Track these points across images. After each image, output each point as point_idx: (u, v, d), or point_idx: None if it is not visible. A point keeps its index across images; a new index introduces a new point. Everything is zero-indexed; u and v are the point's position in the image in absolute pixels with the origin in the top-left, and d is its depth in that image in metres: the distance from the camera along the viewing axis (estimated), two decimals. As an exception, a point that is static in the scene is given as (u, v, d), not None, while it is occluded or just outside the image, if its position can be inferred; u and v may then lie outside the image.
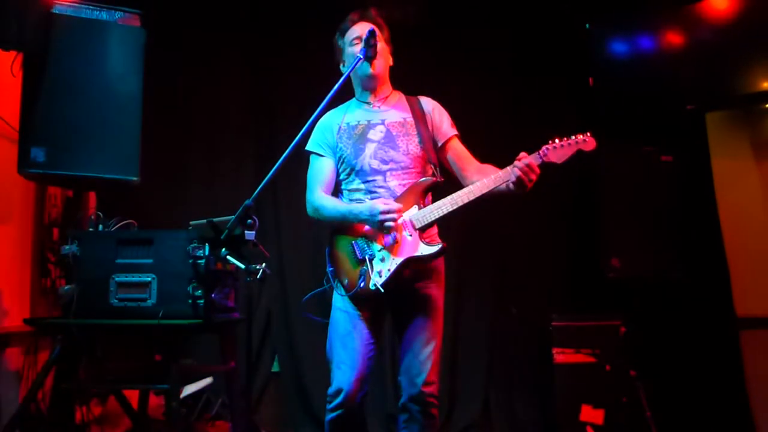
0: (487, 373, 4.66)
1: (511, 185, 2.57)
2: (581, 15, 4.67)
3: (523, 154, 2.56)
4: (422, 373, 2.66)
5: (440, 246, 2.63)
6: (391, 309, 2.82)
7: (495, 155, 4.29)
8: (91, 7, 3.48)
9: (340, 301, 2.76)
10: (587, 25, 4.62)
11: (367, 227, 2.69)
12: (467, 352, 4.66)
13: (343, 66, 2.94)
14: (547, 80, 4.83)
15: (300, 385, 4.57)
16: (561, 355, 4.20)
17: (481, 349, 4.69)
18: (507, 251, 4.80)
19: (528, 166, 2.53)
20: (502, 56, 4.88)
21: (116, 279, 3.17)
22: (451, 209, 2.63)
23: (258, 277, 2.49)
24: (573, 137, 2.57)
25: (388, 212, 2.60)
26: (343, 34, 2.93)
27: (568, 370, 4.18)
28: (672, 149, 4.40)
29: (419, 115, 2.85)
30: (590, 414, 4.10)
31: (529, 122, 4.77)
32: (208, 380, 4.19)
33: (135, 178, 3.50)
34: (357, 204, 2.74)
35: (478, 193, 2.61)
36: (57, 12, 3.38)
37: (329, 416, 2.64)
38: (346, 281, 2.69)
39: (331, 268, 2.75)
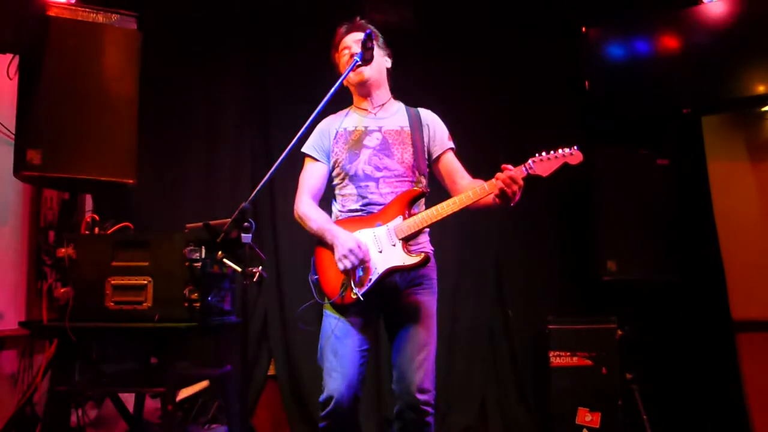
0: (484, 375, 4.66)
1: (495, 198, 2.54)
2: (578, 18, 4.67)
3: (506, 166, 2.52)
4: (415, 381, 2.63)
5: (422, 256, 2.62)
6: (383, 316, 2.81)
7: (490, 158, 4.33)
8: (87, 9, 3.48)
9: (330, 308, 2.75)
10: (583, 29, 4.63)
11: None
12: (464, 355, 4.66)
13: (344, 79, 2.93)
14: (544, 83, 4.83)
15: (296, 389, 4.56)
16: (557, 358, 4.20)
17: (478, 352, 4.68)
18: (503, 254, 4.80)
19: (511, 179, 2.49)
20: (498, 59, 4.88)
21: (112, 282, 3.16)
22: (433, 220, 2.62)
23: (254, 280, 2.49)
24: (560, 150, 2.53)
25: (350, 254, 2.59)
26: (336, 48, 2.95)
27: (564, 373, 4.19)
28: (668, 152, 4.42)
29: (416, 126, 2.85)
30: (586, 417, 4.10)
31: (525, 125, 4.78)
32: (204, 384, 4.19)
33: (131, 181, 3.50)
34: (335, 228, 2.71)
35: (461, 206, 2.59)
36: (53, 15, 3.38)
37: (321, 424, 2.63)
38: (330, 290, 2.70)
39: (315, 277, 2.76)
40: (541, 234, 4.82)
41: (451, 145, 2.90)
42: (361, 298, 2.61)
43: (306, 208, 2.82)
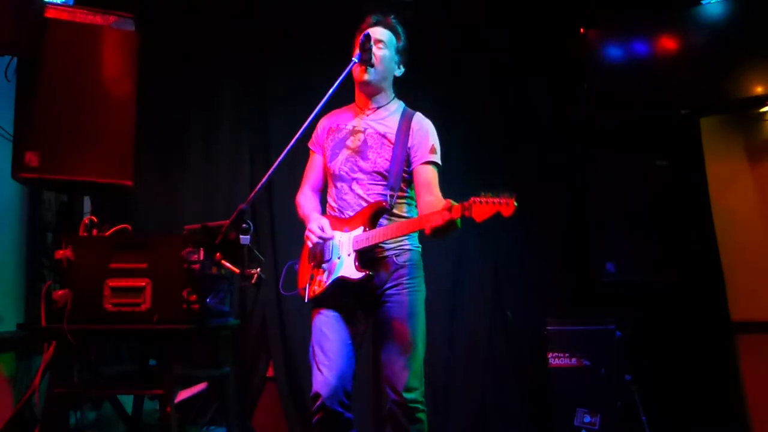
0: (483, 377, 4.66)
1: (427, 230, 2.45)
2: (576, 19, 4.68)
3: (447, 202, 2.40)
4: (400, 382, 2.65)
5: (363, 275, 2.61)
6: (368, 316, 2.81)
7: (485, 160, 4.31)
8: (85, 11, 3.47)
9: (314, 305, 2.79)
10: (582, 30, 4.63)
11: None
12: (463, 357, 4.65)
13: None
14: (542, 84, 4.83)
15: (295, 390, 4.56)
16: (556, 360, 4.20)
17: (477, 353, 4.68)
18: (502, 256, 4.80)
19: (446, 221, 2.39)
20: (496, 60, 4.88)
21: (110, 284, 3.15)
22: (380, 240, 2.62)
23: (253, 281, 2.49)
24: (497, 198, 2.36)
25: (310, 233, 2.71)
26: (360, 33, 2.88)
27: (563, 374, 4.19)
28: (666, 153, 4.42)
29: (404, 130, 2.80)
30: (585, 418, 4.10)
31: (523, 126, 4.78)
32: (202, 385, 4.18)
33: (129, 183, 3.49)
34: (312, 213, 2.86)
35: (400, 233, 2.60)
36: (51, 16, 3.37)
37: (314, 419, 2.68)
38: (301, 281, 2.82)
39: (296, 267, 2.88)
40: (540, 235, 4.82)
41: (431, 158, 2.79)
42: (311, 296, 2.73)
43: (300, 197, 2.98)
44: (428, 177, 2.78)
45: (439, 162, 2.83)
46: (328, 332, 2.71)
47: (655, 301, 4.40)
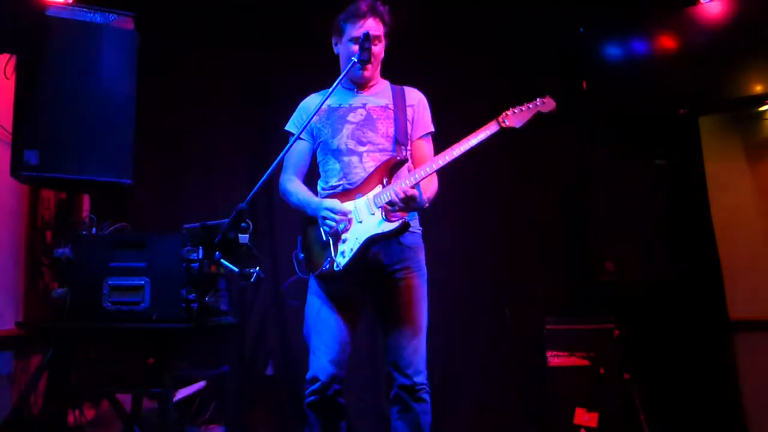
0: (482, 375, 4.66)
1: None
2: (575, 19, 4.67)
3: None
4: (410, 365, 2.69)
5: (401, 222, 2.59)
6: (371, 298, 2.82)
7: (485, 159, 4.28)
8: (84, 9, 3.47)
9: (314, 287, 2.79)
10: (581, 29, 4.63)
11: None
12: (461, 355, 4.66)
13: (336, 46, 2.95)
14: (541, 83, 4.81)
15: (294, 389, 4.55)
16: (555, 359, 4.20)
17: (475, 352, 4.69)
18: (501, 254, 4.80)
19: (494, 132, 2.64)
20: (495, 59, 4.88)
21: (109, 282, 3.16)
22: (412, 183, 2.63)
23: (252, 280, 2.49)
24: (532, 101, 2.65)
25: (331, 212, 2.63)
26: (345, 20, 2.88)
27: (562, 373, 4.18)
28: (665, 153, 4.42)
29: (400, 105, 2.86)
30: (584, 417, 4.10)
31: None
32: (201, 384, 4.19)
33: (129, 181, 3.49)
34: (312, 197, 2.79)
35: (445, 161, 2.64)
36: (51, 15, 3.37)
37: (307, 400, 2.67)
38: (313, 264, 2.73)
39: (302, 255, 2.79)
40: (539, 234, 4.82)
41: (432, 129, 2.93)
42: (338, 268, 2.61)
43: (288, 184, 2.87)
44: (429, 148, 2.92)
45: None
46: (327, 317, 2.72)
47: (654, 300, 4.39)
